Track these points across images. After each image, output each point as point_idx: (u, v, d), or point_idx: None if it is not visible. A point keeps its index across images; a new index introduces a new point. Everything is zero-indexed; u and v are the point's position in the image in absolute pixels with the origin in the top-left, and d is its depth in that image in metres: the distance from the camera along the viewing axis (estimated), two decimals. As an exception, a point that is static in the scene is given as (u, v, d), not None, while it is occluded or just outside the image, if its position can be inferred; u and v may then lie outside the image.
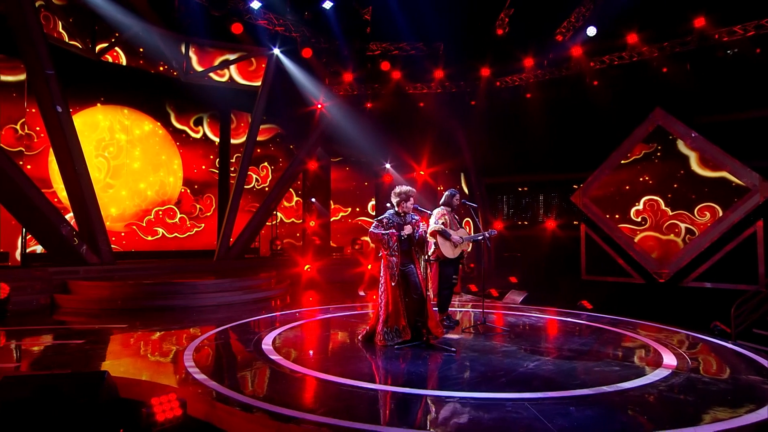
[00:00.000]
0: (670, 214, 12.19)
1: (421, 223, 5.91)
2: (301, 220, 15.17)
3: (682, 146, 11.95)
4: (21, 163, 10.06)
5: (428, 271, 7.04)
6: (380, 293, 5.81)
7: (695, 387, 4.26)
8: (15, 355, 5.62)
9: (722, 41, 10.94)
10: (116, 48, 11.39)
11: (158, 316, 7.58)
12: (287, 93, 12.89)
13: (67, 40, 10.57)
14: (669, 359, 5.13)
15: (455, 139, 14.86)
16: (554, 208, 14.83)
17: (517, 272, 12.80)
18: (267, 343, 5.73)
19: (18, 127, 10.07)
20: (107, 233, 9.89)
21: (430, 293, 6.98)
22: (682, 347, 5.74)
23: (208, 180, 13.61)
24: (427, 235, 6.72)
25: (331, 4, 10.97)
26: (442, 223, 6.69)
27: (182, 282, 9.29)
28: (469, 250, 7.11)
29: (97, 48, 11.07)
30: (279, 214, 14.62)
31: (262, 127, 14.22)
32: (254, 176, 14.36)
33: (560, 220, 14.28)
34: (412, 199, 5.87)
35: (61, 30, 10.49)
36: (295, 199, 15.21)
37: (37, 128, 10.17)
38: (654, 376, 4.53)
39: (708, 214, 11.44)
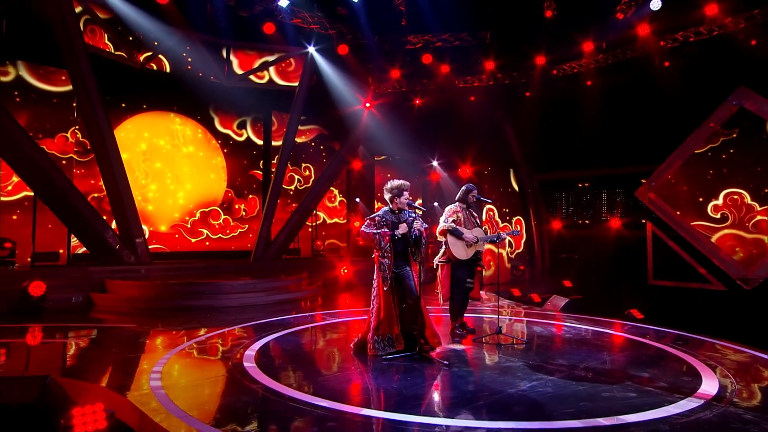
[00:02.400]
0: (758, 209, 10.52)
1: (417, 222, 5.25)
2: (344, 221, 14.92)
3: (772, 130, 10.28)
4: (74, 169, 10.73)
5: (439, 273, 6.45)
6: (372, 298, 5.31)
7: (727, 426, 3.30)
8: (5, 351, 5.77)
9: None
10: (160, 56, 11.81)
11: (180, 316, 7.56)
12: (328, 92, 12.66)
13: (113, 51, 11.13)
14: (709, 386, 4.12)
15: (504, 133, 13.90)
16: (619, 206, 13.40)
17: (573, 275, 11.64)
18: (253, 349, 5.42)
19: (68, 135, 10.72)
20: (144, 235, 10.21)
21: (440, 298, 6.39)
22: (736, 371, 4.64)
23: (253, 182, 13.78)
24: (437, 233, 6.14)
25: (359, -5, 10.57)
26: (453, 221, 6.05)
27: (208, 282, 9.33)
28: (513, 247, 6.40)
29: (142, 57, 11.56)
30: (321, 214, 14.47)
31: (304, 127, 14.17)
32: (296, 177, 14.35)
33: (626, 219, 12.85)
34: (406, 193, 5.29)
35: (107, 41, 11.06)
36: (339, 199, 15.01)
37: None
38: (677, 407, 3.61)
39: (807, 209, 9.77)
